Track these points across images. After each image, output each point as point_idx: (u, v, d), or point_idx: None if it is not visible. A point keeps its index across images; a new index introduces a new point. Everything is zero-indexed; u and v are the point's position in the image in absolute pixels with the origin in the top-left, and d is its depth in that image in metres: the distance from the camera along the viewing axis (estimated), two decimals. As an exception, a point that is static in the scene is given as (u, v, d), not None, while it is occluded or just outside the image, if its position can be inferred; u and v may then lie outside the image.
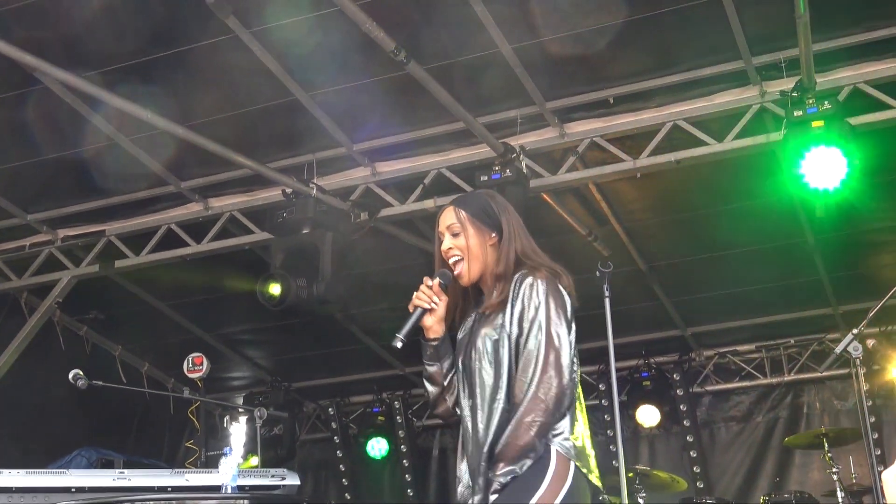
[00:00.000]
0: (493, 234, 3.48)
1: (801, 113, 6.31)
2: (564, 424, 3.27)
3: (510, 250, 3.45)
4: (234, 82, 6.95)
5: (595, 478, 3.33)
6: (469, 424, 3.37)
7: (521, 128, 7.24)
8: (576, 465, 3.24)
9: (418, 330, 3.52)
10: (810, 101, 6.29)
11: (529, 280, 3.34)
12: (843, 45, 6.50)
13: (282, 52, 6.52)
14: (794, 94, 6.37)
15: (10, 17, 6.06)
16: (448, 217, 3.53)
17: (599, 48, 6.52)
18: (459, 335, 3.55)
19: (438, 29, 6.42)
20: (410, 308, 3.49)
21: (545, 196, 7.65)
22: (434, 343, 3.51)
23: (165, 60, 6.57)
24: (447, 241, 3.51)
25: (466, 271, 3.47)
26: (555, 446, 3.23)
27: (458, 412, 3.47)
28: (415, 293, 3.50)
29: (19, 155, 7.52)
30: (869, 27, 6.41)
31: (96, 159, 7.58)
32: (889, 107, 6.57)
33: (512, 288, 3.35)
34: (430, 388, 3.56)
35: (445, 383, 3.51)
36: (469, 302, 3.58)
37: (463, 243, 3.47)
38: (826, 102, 6.29)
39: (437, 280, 3.50)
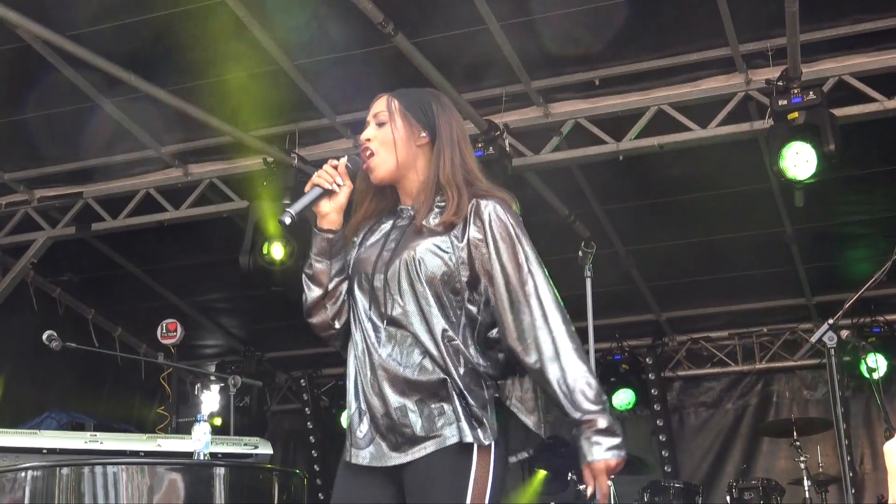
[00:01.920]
0: (424, 134, 3.01)
1: (785, 102, 6.34)
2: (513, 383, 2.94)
3: (447, 157, 2.98)
4: (218, 48, 6.88)
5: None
6: (381, 349, 2.87)
7: (506, 106, 7.22)
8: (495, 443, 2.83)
9: (313, 219, 3.04)
10: (795, 91, 6.32)
11: (490, 205, 2.89)
12: (829, 36, 6.51)
13: (268, 21, 6.46)
14: (780, 83, 6.39)
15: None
16: (378, 105, 3.07)
17: (587, 29, 6.52)
18: (361, 243, 3.05)
19: (427, 3, 6.38)
20: (307, 188, 2.99)
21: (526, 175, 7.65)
22: (329, 235, 2.98)
23: (149, 25, 6.50)
24: (369, 130, 3.03)
25: (378, 165, 2.98)
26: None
27: (354, 334, 2.96)
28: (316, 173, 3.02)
29: (-4, 113, 7.45)
30: (856, 20, 6.42)
31: (76, 121, 7.50)
32: (873, 99, 6.60)
33: (469, 212, 2.89)
34: (311, 289, 3.01)
35: (330, 287, 2.99)
36: (380, 210, 3.09)
37: (385, 136, 3.00)
38: (811, 93, 6.31)
39: (343, 160, 3.00)
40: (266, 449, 5.15)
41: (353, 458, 2.88)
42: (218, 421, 8.24)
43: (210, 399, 9.04)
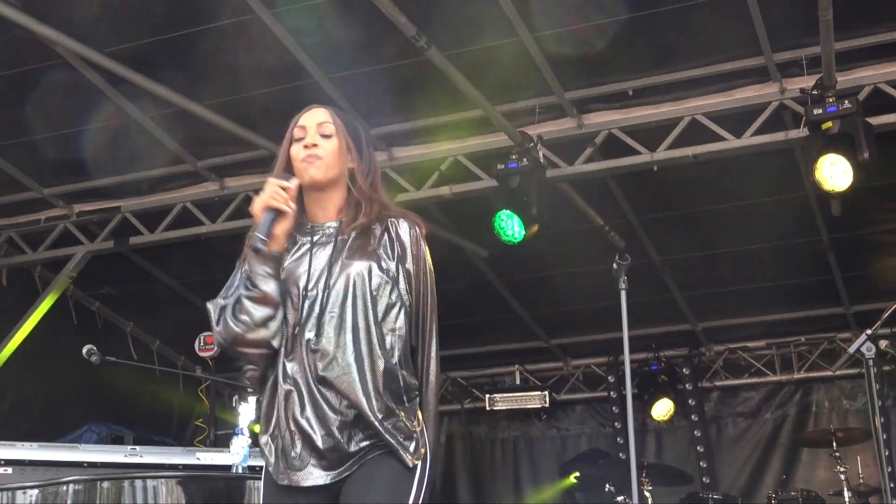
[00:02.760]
0: (353, 157, 3.11)
1: (820, 111, 6.28)
2: None
3: (367, 182, 3.09)
4: (252, 62, 6.93)
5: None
6: (325, 368, 2.89)
7: (540, 117, 7.23)
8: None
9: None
10: (830, 100, 6.27)
11: (416, 232, 3.06)
12: (864, 44, 6.47)
13: (301, 34, 6.51)
14: (815, 92, 6.35)
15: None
16: (321, 115, 3.13)
17: (620, 39, 6.50)
18: (289, 261, 3.05)
19: (459, 16, 6.40)
20: (258, 210, 3.00)
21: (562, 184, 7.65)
22: (279, 256, 3.00)
23: (184, 40, 6.57)
24: (316, 137, 3.07)
25: (320, 168, 3.05)
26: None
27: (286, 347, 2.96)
28: (265, 196, 3.01)
29: (37, 129, 7.53)
30: (890, 27, 6.38)
31: (113, 135, 7.59)
32: (909, 107, 6.55)
33: (391, 229, 3.04)
34: (261, 311, 2.94)
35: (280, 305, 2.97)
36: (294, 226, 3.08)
37: (332, 147, 3.07)
38: (846, 102, 6.25)
39: (294, 181, 3.01)
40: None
41: (289, 481, 2.90)
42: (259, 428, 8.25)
43: (248, 411, 9.07)
